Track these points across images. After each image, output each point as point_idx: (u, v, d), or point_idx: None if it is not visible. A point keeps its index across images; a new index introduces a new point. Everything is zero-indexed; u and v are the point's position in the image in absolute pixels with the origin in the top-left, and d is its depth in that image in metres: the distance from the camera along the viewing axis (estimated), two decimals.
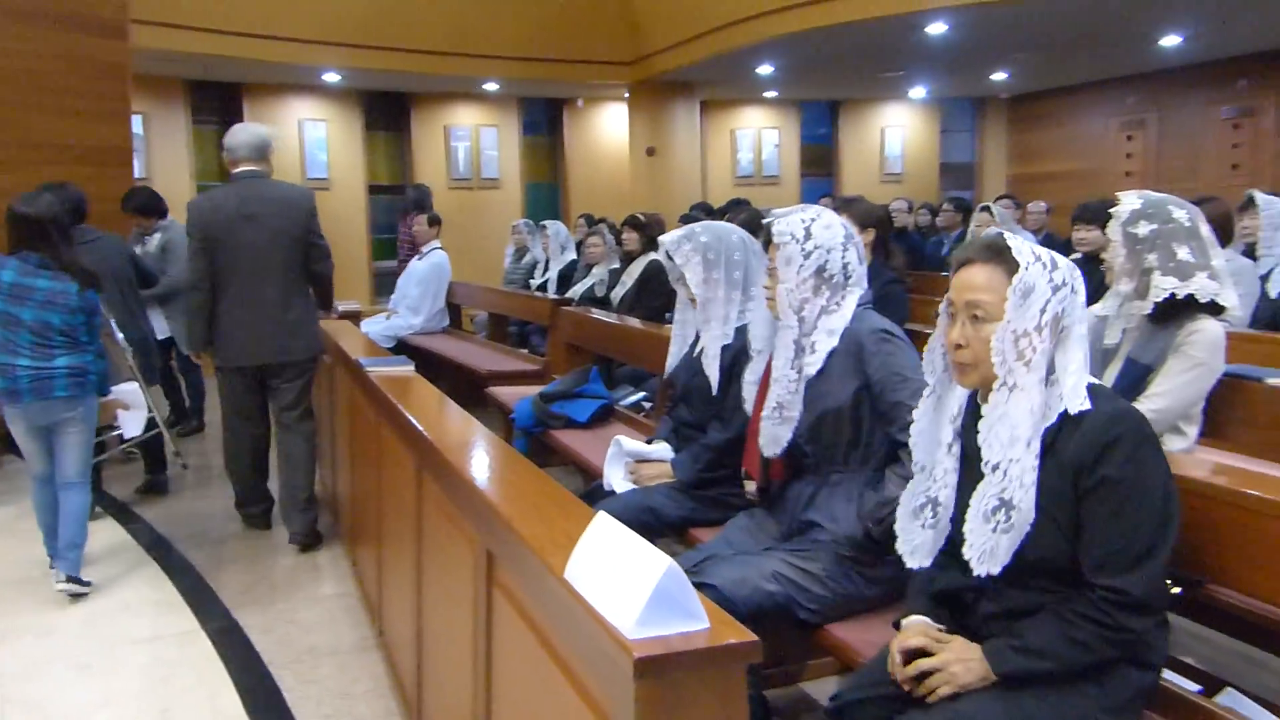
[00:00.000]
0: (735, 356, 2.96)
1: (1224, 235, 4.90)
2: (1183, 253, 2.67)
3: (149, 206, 6.08)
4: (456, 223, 10.64)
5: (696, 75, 11.21)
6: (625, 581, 1.32)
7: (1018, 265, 1.72)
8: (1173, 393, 2.65)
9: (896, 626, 1.93)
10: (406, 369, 3.43)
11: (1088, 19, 8.92)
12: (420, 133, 11.78)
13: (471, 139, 12.01)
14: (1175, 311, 2.67)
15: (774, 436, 2.50)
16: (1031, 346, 1.71)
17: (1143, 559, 1.64)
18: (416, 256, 7.80)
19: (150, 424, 4.79)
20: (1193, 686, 1.98)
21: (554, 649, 1.54)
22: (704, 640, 1.26)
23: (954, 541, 1.85)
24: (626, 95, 11.91)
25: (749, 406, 2.69)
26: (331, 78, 10.51)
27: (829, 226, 2.48)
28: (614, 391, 5.10)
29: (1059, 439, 1.71)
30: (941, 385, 1.91)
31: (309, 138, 11.03)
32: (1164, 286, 2.65)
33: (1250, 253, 4.85)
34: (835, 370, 2.44)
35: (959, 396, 1.89)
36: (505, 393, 5.37)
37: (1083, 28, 9.34)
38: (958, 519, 1.83)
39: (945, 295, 1.83)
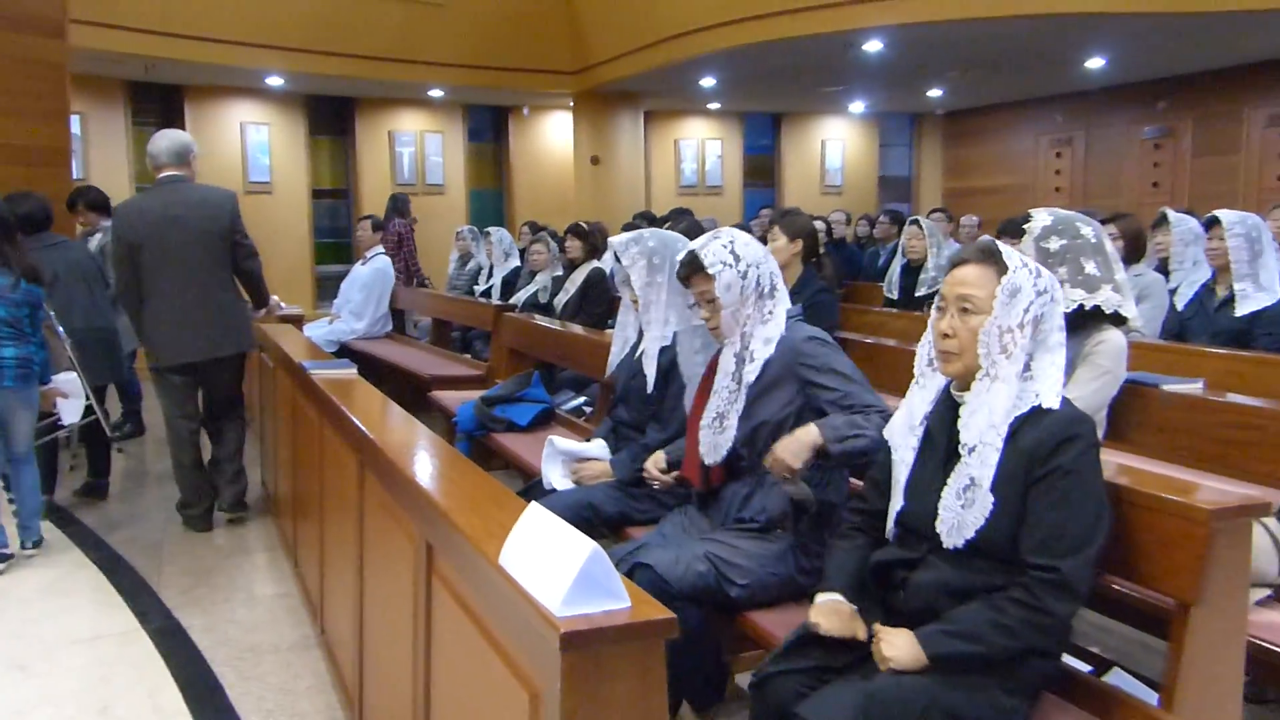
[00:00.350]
0: (673, 360, 3.08)
1: (1137, 251, 5.17)
2: (1090, 267, 2.85)
3: (101, 203, 6.09)
4: None
5: (641, 86, 11.37)
6: (553, 565, 1.43)
7: (1008, 268, 1.91)
8: (1082, 399, 2.82)
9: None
10: (349, 372, 3.50)
11: (1017, 40, 9.25)
12: (364, 138, 11.77)
13: (416, 145, 12.03)
14: (1083, 322, 2.85)
15: (714, 445, 2.62)
16: (1014, 341, 1.89)
17: (1078, 546, 1.81)
18: (360, 261, 7.83)
19: (88, 411, 4.80)
20: (1084, 667, 2.14)
21: (489, 631, 1.64)
22: (625, 617, 1.38)
23: (900, 518, 2.03)
24: (571, 104, 12.03)
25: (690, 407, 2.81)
26: (275, 81, 10.47)
27: (747, 244, 2.63)
28: (555, 396, 5.19)
29: (1022, 429, 1.89)
30: (925, 376, 2.09)
31: (251, 141, 10.97)
32: (1073, 298, 2.83)
33: (1162, 268, 5.11)
34: (770, 377, 2.57)
35: (936, 388, 2.06)
36: (448, 397, 5.44)
37: (1012, 48, 9.69)
38: (910, 497, 2.01)
39: (939, 293, 2.02)
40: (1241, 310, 4.12)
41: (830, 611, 2.01)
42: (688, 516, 2.78)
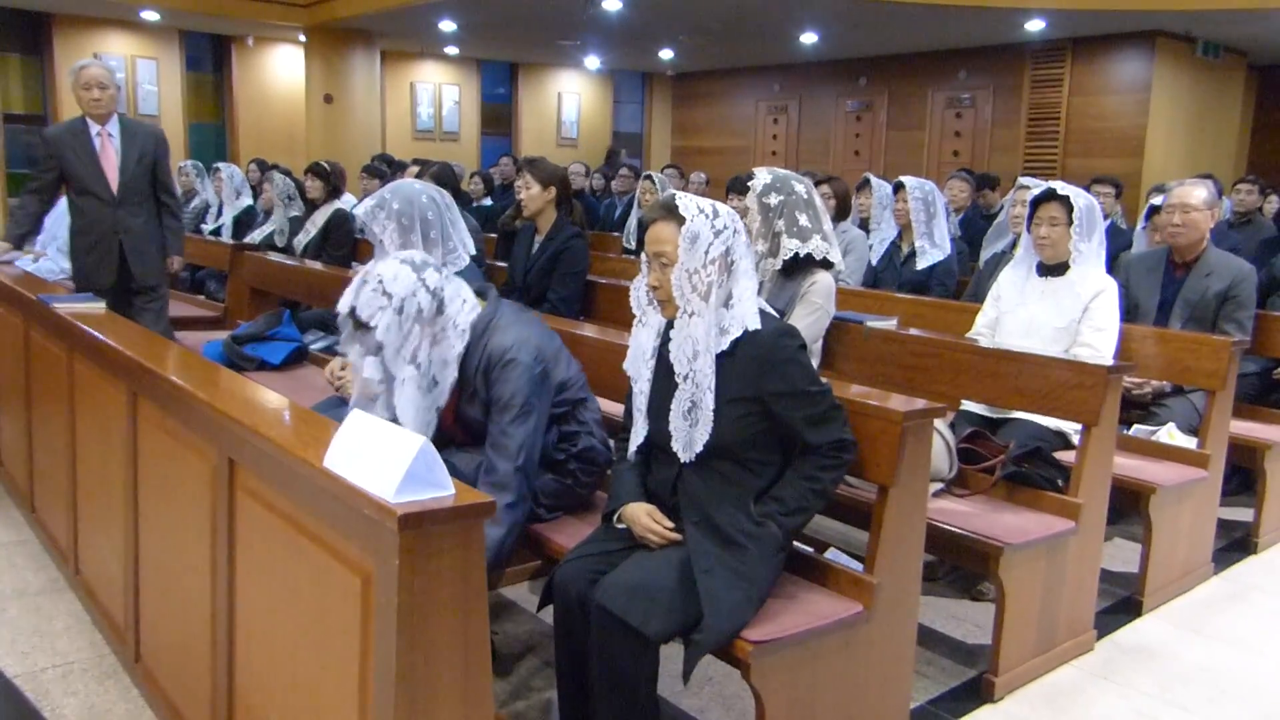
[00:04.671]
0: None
1: (844, 210, 5.89)
2: (803, 219, 3.33)
3: None
4: None
5: (376, 25, 11.09)
6: (383, 461, 1.61)
7: (685, 219, 2.20)
8: (801, 331, 3.30)
9: (608, 519, 2.36)
10: (98, 306, 3.37)
11: (741, 10, 9.93)
12: (64, 59, 10.67)
13: (127, 70, 11.06)
14: (798, 266, 3.33)
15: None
16: (704, 280, 2.20)
17: (832, 413, 2.22)
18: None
19: None
20: (807, 549, 2.58)
21: (309, 530, 1.79)
22: (450, 501, 1.59)
23: (649, 438, 2.34)
24: (303, 38, 11.51)
25: None
26: None
27: (396, 277, 2.45)
28: (304, 336, 5.15)
29: (739, 351, 2.22)
30: (646, 315, 2.38)
31: None
32: (790, 247, 3.30)
33: (864, 226, 5.84)
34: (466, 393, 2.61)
35: (658, 323, 2.36)
36: (187, 337, 5.23)
37: (736, 18, 10.39)
38: (653, 419, 2.32)
39: (645, 249, 2.29)
40: (921, 264, 4.86)
41: (645, 513, 2.29)
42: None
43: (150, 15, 10.65)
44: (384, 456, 1.62)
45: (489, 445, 2.50)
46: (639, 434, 2.38)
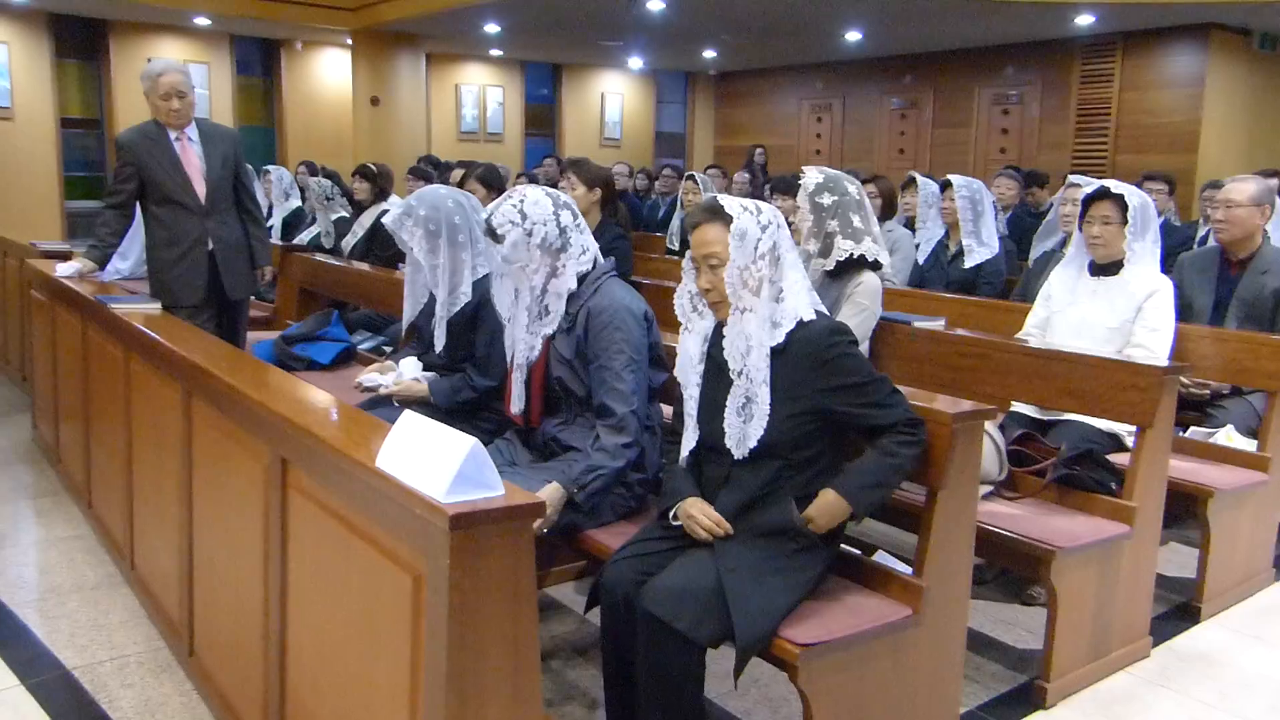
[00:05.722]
0: (476, 309, 3.19)
1: (889, 209, 5.83)
2: (856, 220, 3.30)
3: None
4: None
5: (422, 28, 11.20)
6: (435, 462, 1.63)
7: (731, 217, 2.20)
8: None
9: (664, 516, 2.36)
10: (154, 306, 3.44)
11: (782, 9, 9.89)
12: (120, 65, 10.90)
13: None
14: (847, 267, 3.30)
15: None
16: (755, 276, 2.22)
17: (894, 396, 2.22)
18: None
19: None
20: (855, 551, 2.56)
21: (360, 529, 1.81)
22: (500, 502, 1.60)
23: (700, 441, 2.34)
24: (349, 42, 11.65)
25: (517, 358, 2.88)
26: None
27: (536, 202, 2.68)
28: (352, 336, 5.22)
29: (792, 345, 2.22)
30: (690, 321, 2.39)
31: None
32: (844, 248, 3.27)
33: (910, 225, 5.78)
34: (564, 334, 2.72)
35: (705, 327, 2.37)
36: None
37: (778, 16, 10.34)
38: (704, 421, 2.32)
39: (689, 254, 2.29)
40: (969, 263, 4.80)
41: (698, 509, 2.27)
42: (513, 446, 2.97)
43: (202, 20, 10.86)
44: (435, 457, 1.63)
45: (602, 392, 2.60)
46: (689, 441, 2.37)
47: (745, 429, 2.24)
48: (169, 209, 4.18)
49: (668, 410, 2.81)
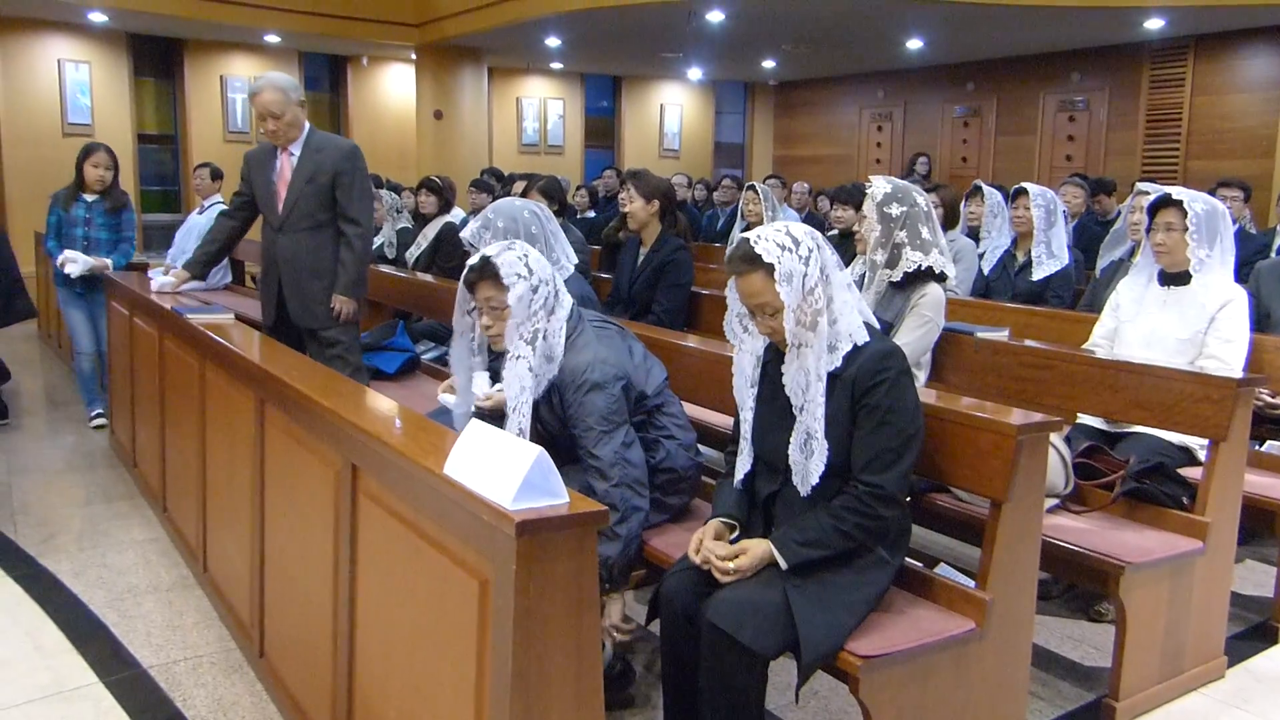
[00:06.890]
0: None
1: (952, 218, 5.76)
2: (924, 231, 3.27)
3: None
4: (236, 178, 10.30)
5: (484, 43, 11.37)
6: (501, 470, 1.66)
7: (772, 265, 2.15)
8: (910, 344, 3.25)
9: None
10: (228, 316, 3.55)
11: (845, 18, 9.85)
12: (194, 82, 11.25)
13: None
14: (912, 278, 3.28)
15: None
16: (810, 310, 2.18)
17: (895, 462, 2.16)
18: (196, 210, 7.58)
19: None
20: (917, 564, 2.54)
21: (429, 535, 1.85)
22: (565, 510, 1.63)
23: (758, 455, 2.34)
24: (413, 57, 11.88)
25: None
26: (96, 17, 9.85)
27: (539, 260, 2.59)
28: (416, 346, 5.31)
29: (846, 366, 2.20)
30: (742, 342, 2.38)
31: (69, 80, 10.31)
32: (913, 260, 3.24)
33: (974, 235, 5.71)
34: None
35: (756, 346, 2.36)
36: None
37: (841, 25, 10.29)
38: (759, 439, 2.32)
39: (733, 280, 2.24)
40: (1038, 275, 4.72)
41: (709, 531, 2.32)
42: None
43: (273, 39, 11.17)
44: (501, 465, 1.67)
45: (584, 470, 2.55)
46: (744, 464, 2.37)
47: (807, 465, 2.22)
48: (264, 225, 4.11)
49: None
